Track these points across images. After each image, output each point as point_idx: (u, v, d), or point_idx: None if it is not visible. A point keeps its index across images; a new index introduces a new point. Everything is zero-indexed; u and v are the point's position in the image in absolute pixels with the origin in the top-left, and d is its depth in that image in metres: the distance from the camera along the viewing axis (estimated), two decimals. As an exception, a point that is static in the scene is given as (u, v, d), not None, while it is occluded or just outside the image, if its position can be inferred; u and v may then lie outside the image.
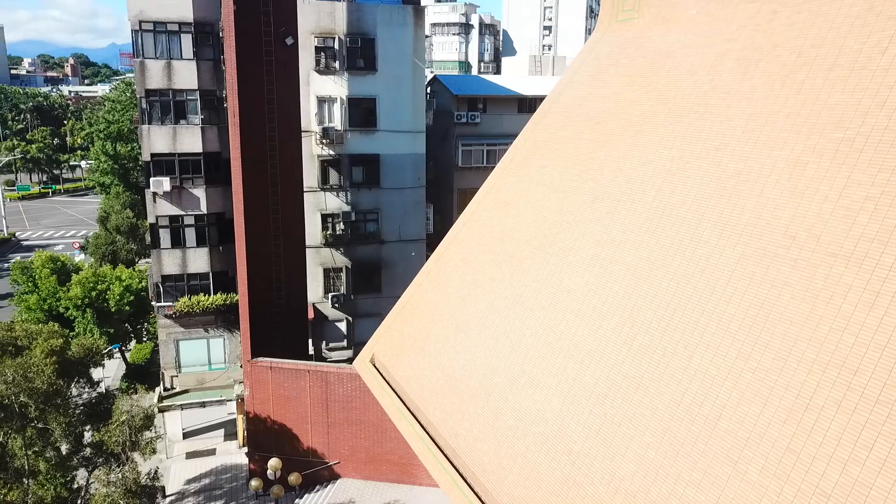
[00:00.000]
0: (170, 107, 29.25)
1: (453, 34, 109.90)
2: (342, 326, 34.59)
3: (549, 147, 19.21)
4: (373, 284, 34.44)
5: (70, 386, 22.01)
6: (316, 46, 31.46)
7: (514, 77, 49.16)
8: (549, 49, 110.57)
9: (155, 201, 29.82)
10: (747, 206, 12.68)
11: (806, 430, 10.13)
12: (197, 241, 30.68)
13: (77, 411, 22.30)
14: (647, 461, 12.15)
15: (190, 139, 29.66)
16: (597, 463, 13.11)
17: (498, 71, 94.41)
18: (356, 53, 32.01)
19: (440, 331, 20.27)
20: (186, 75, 29.08)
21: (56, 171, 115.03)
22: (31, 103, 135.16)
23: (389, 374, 23.14)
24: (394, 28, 32.17)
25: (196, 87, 29.22)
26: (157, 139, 29.30)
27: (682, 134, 14.84)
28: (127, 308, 33.70)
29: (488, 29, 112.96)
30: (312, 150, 32.33)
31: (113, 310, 33.22)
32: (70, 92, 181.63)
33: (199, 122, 29.62)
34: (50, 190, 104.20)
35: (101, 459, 20.81)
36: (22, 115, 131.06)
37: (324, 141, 32.11)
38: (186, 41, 28.85)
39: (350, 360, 33.52)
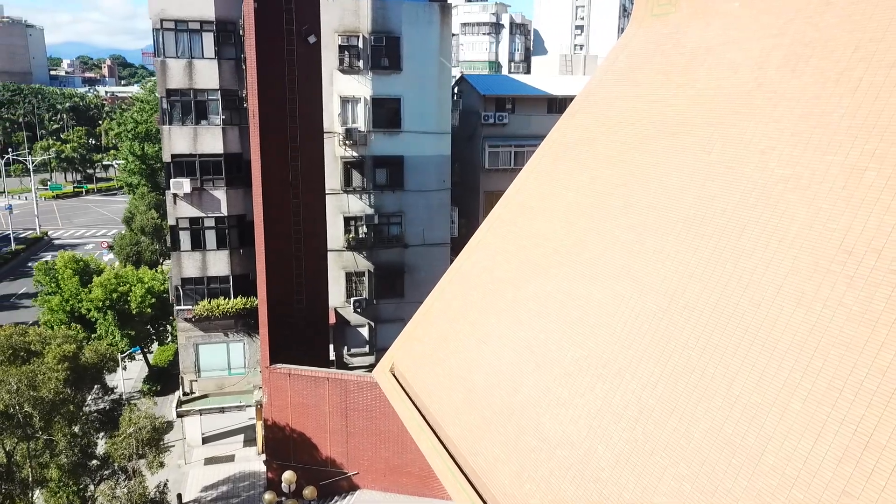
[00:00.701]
0: (191, 107, 28.76)
1: (483, 34, 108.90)
2: (364, 332, 33.83)
3: (578, 149, 18.16)
4: (396, 289, 33.62)
5: (82, 393, 21.48)
6: (339, 45, 30.73)
7: (544, 76, 48.01)
8: (581, 49, 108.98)
9: (175, 203, 29.37)
10: (797, 215, 11.53)
11: (865, 472, 8.98)
12: (217, 243, 30.16)
13: (90, 418, 21.81)
14: (682, 495, 11.08)
15: (211, 140, 29.14)
16: (626, 493, 12.06)
17: (528, 71, 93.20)
18: (381, 52, 31.22)
19: (461, 342, 19.35)
20: (208, 74, 28.56)
21: (90, 171, 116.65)
22: (67, 103, 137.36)
23: (409, 385, 22.29)
24: (420, 26, 31.32)
25: (217, 87, 28.70)
26: (178, 140, 28.83)
27: (723, 136, 13.70)
28: (148, 310, 33.36)
29: (519, 28, 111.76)
30: (335, 152, 31.61)
31: (134, 312, 32.90)
32: (106, 92, 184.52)
33: (220, 122, 29.10)
34: (83, 189, 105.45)
35: (107, 472, 20.26)
36: (59, 116, 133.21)
37: (347, 142, 31.38)
38: (208, 40, 28.33)
39: (372, 367, 32.75)
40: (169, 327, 37.81)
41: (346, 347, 33.77)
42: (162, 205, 48.34)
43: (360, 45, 30.84)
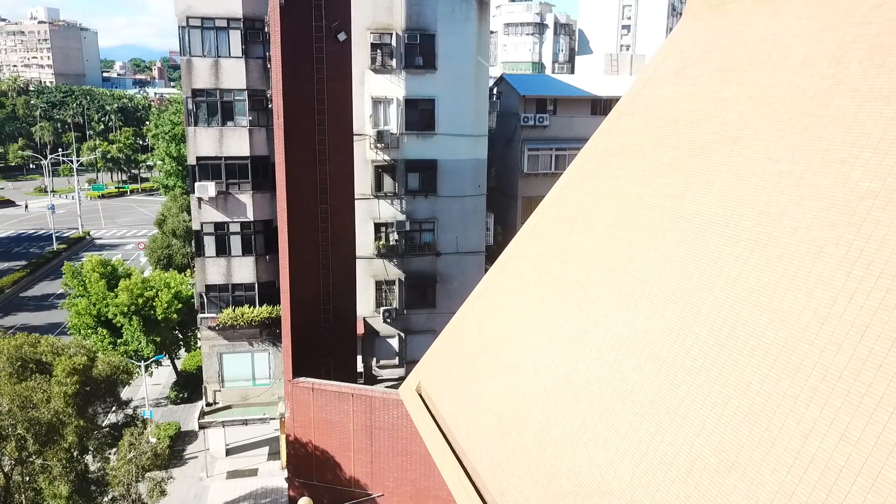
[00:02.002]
0: (217, 107, 27.73)
1: (527, 34, 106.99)
2: (394, 343, 32.40)
3: (624, 155, 16.36)
4: (427, 299, 32.11)
5: (94, 407, 20.49)
6: (371, 43, 29.38)
7: (588, 76, 45.98)
8: (627, 49, 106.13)
9: (200, 207, 28.39)
10: (888, 238, 9.60)
11: None
12: (243, 249, 29.10)
13: (101, 433, 20.80)
14: (744, 573, 9.27)
15: (237, 142, 28.08)
16: (676, 563, 10.29)
17: (572, 73, 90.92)
18: (415, 50, 29.76)
19: (491, 364, 17.74)
20: (234, 74, 27.51)
21: (135, 171, 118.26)
22: (115, 105, 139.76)
23: (435, 407, 20.79)
24: (456, 23, 29.77)
25: (244, 87, 27.61)
26: (203, 141, 27.85)
27: (794, 142, 11.79)
28: (174, 316, 32.51)
29: (563, 29, 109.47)
30: (366, 155, 30.28)
31: (160, 317, 32.08)
32: (155, 94, 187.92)
33: (246, 123, 28.02)
34: (126, 190, 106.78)
35: (107, 500, 19.14)
36: (107, 116, 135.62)
37: (378, 145, 30.00)
38: (235, 38, 27.28)
39: (401, 380, 31.31)
40: (198, 333, 36.99)
41: (374, 359, 32.40)
42: (195, 207, 47.80)
43: (393, 43, 29.44)
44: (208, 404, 30.26)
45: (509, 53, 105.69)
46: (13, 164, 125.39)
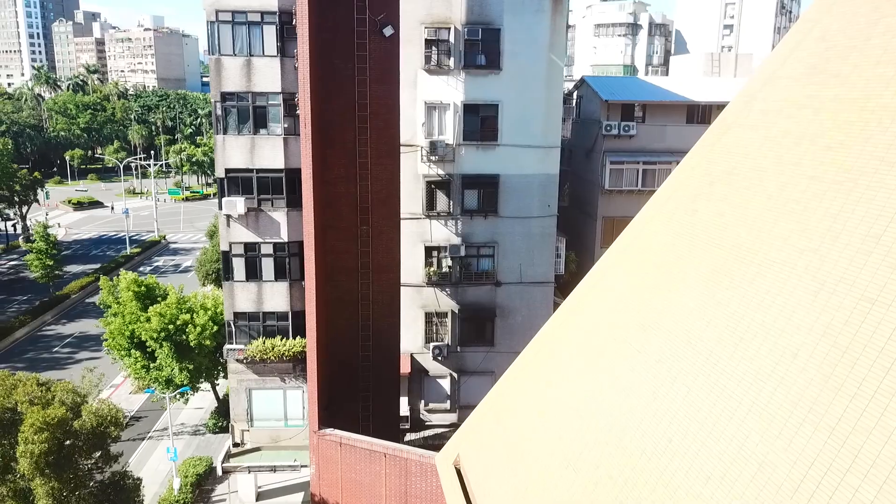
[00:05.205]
0: (248, 113, 24.44)
1: (619, 35, 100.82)
2: (445, 384, 28.28)
3: (731, 183, 11.60)
4: (484, 335, 27.80)
5: (73, 467, 17.39)
6: (426, 39, 25.45)
7: (684, 79, 40.40)
8: (730, 51, 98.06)
9: (228, 225, 25.18)
10: None
11: None
12: (275, 273, 25.68)
13: (82, 495, 17.68)
14: None
15: (270, 152, 24.71)
16: None
17: (667, 76, 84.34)
18: (476, 47, 25.59)
19: (547, 449, 13.32)
20: (268, 75, 24.15)
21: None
22: (207, 109, 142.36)
23: (474, 490, 16.55)
24: (525, 15, 25.40)
25: (279, 90, 24.20)
26: (233, 152, 24.63)
27: None
28: (208, 342, 29.57)
29: (658, 29, 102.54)
30: (417, 169, 26.33)
31: (192, 344, 29.22)
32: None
33: (281, 131, 24.58)
34: (206, 194, 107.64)
35: None
36: (198, 120, 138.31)
37: (431, 158, 26.00)
38: (269, 34, 23.90)
39: (454, 427, 27.28)
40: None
41: (422, 401, 28.39)
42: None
43: (451, 39, 25.38)
44: (235, 444, 27.06)
45: (599, 56, 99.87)
46: (110, 164, 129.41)
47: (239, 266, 25.61)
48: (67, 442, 17.91)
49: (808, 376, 8.29)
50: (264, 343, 25.75)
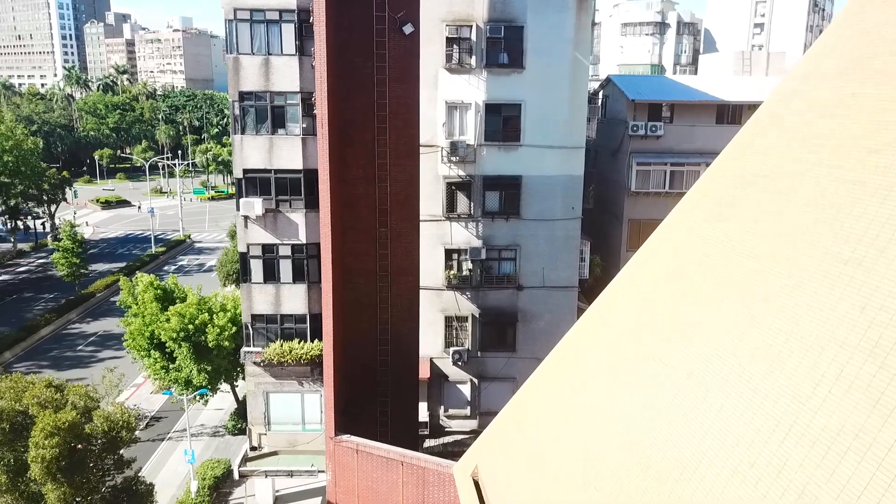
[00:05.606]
0: (266, 113, 24.09)
1: (646, 34, 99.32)
2: (465, 390, 27.69)
3: (768, 187, 10.86)
4: (506, 340, 27.16)
5: (83, 472, 17.11)
6: (447, 37, 24.89)
7: (714, 78, 39.33)
8: (760, 50, 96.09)
9: (246, 226, 24.87)
10: None
11: None
12: (293, 275, 25.31)
13: (92, 501, 17.42)
14: None
15: (288, 152, 24.34)
16: None
17: (696, 75, 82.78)
18: (498, 46, 24.98)
19: (568, 465, 12.72)
20: (287, 74, 23.77)
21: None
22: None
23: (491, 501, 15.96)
24: (549, 13, 24.74)
25: (298, 90, 23.82)
26: (251, 152, 24.29)
27: None
28: (226, 343, 29.34)
29: (687, 28, 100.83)
30: (437, 170, 25.79)
31: (210, 345, 29.00)
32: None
33: (299, 131, 24.20)
34: (223, 193, 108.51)
35: None
36: (225, 120, 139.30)
37: (451, 158, 25.44)
38: (288, 32, 23.51)
39: (474, 434, 26.68)
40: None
41: (442, 407, 27.83)
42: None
43: (473, 37, 24.79)
44: (252, 448, 26.74)
45: (626, 55, 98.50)
46: (137, 164, 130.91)
47: (257, 268, 25.30)
48: (79, 446, 17.63)
49: (853, 400, 7.59)
50: (282, 346, 25.41)
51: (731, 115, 31.97)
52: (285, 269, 25.37)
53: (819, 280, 8.67)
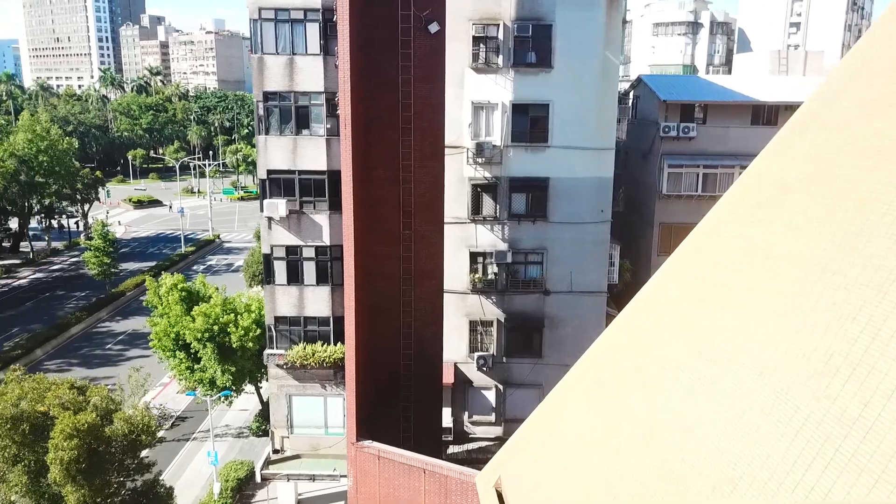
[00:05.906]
0: (291, 113, 23.89)
1: (678, 34, 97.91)
2: (490, 396, 27.20)
3: (811, 191, 10.22)
4: (532, 346, 26.61)
5: (103, 475, 16.98)
6: (473, 36, 24.45)
7: (748, 78, 38.27)
8: (796, 49, 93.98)
9: (270, 227, 24.71)
10: None
11: None
12: (317, 277, 25.09)
13: (113, 503, 17.30)
14: None
15: (312, 153, 24.11)
16: None
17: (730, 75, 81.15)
18: (526, 44, 24.46)
19: (595, 483, 12.18)
20: (311, 74, 23.55)
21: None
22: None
23: (515, 517, 15.42)
24: (579, 10, 24.15)
25: (322, 90, 23.58)
26: (275, 153, 24.12)
27: None
28: (250, 345, 29.24)
29: (720, 28, 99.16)
30: (462, 172, 25.34)
31: (234, 346, 28.92)
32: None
33: (324, 132, 23.97)
34: (252, 193, 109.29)
35: None
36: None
37: (477, 160, 24.99)
38: (313, 32, 23.30)
39: (499, 441, 26.17)
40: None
41: (466, 413, 27.35)
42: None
43: (500, 35, 24.30)
44: (275, 451, 26.58)
45: (657, 55, 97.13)
46: (169, 164, 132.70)
47: (280, 269, 25.14)
48: (99, 449, 17.50)
49: (906, 425, 6.97)
50: (305, 349, 25.20)
51: (768, 116, 31.00)
52: (309, 270, 25.17)
53: (871, 293, 8.04)
